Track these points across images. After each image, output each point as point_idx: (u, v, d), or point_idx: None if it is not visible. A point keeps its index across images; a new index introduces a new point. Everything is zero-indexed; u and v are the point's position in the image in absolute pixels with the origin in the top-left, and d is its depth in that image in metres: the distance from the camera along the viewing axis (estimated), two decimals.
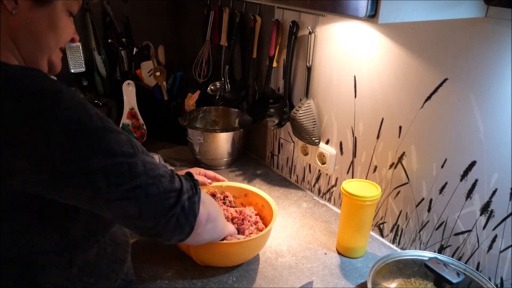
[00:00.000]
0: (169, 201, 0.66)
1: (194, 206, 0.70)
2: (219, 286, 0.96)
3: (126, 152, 0.62)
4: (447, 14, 0.75)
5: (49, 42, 0.69)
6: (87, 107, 0.61)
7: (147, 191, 0.64)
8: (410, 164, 1.04)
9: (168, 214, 0.66)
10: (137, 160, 0.63)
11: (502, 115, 0.84)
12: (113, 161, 0.60)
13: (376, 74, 1.07)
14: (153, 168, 0.65)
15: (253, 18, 1.39)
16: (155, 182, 0.64)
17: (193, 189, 0.71)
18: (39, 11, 0.66)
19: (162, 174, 0.66)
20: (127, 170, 0.62)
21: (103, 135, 0.60)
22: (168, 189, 0.66)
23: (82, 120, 0.59)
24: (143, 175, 0.63)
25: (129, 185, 0.62)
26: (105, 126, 0.61)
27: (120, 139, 0.62)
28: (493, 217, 0.90)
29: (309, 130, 1.27)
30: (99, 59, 1.65)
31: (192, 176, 0.75)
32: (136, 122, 1.59)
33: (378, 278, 0.94)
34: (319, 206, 1.30)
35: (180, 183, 0.69)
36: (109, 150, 0.60)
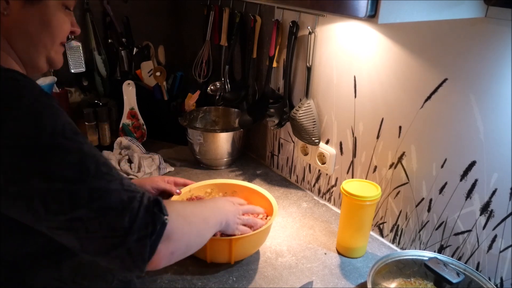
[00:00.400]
0: (112, 241, 0.57)
1: (144, 249, 0.58)
2: (219, 286, 0.96)
3: (70, 177, 0.55)
4: (447, 14, 0.75)
5: (43, 40, 0.68)
6: (42, 117, 0.56)
7: (87, 226, 0.56)
8: (410, 164, 1.04)
9: (110, 254, 0.58)
10: (82, 187, 0.56)
11: (502, 115, 0.84)
12: (53, 187, 0.54)
13: (376, 74, 1.07)
14: (102, 197, 0.57)
15: (253, 18, 1.39)
16: (98, 216, 0.56)
17: (149, 227, 0.59)
18: (30, 9, 0.64)
19: (111, 206, 0.57)
20: (67, 198, 0.55)
21: (49, 155, 0.55)
22: (112, 227, 0.57)
23: (29, 135, 0.54)
24: (85, 207, 0.55)
25: (68, 215, 0.55)
26: (54, 144, 0.55)
27: (67, 160, 0.55)
28: (493, 217, 0.90)
29: (309, 130, 1.27)
30: (99, 59, 1.65)
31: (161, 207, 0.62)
32: (136, 122, 1.59)
33: (378, 278, 0.94)
34: (319, 206, 1.30)
35: (132, 220, 0.57)
36: (50, 174, 0.54)
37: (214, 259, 1.00)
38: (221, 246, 0.97)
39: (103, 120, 1.54)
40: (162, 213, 0.61)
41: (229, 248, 0.96)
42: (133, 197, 0.59)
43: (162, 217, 0.61)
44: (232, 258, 0.99)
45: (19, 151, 0.54)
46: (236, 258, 1.01)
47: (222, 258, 1.00)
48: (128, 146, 1.48)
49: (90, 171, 0.57)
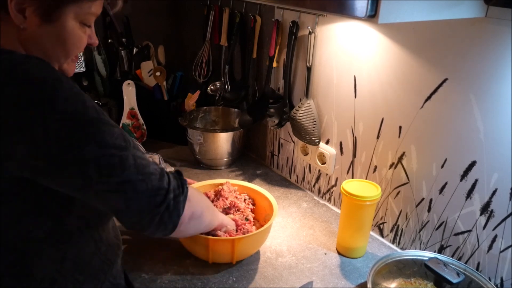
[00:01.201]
0: (156, 199, 0.67)
1: (179, 205, 0.70)
2: (219, 286, 0.96)
3: (119, 145, 0.63)
4: (447, 14, 0.75)
5: (57, 55, 0.69)
6: (85, 99, 0.61)
7: (136, 186, 0.64)
8: (410, 164, 1.04)
9: (154, 211, 0.67)
10: (129, 154, 0.64)
11: (502, 115, 0.84)
12: (105, 152, 0.61)
13: (376, 74, 1.07)
14: (143, 164, 0.66)
15: (253, 18, 1.39)
16: (144, 178, 0.65)
17: (180, 188, 0.72)
18: (47, 27, 0.65)
19: (151, 172, 0.67)
20: (118, 162, 0.62)
21: (98, 126, 0.61)
22: (156, 187, 0.67)
23: (78, 111, 0.60)
24: (133, 169, 0.64)
25: (119, 178, 0.63)
26: (100, 118, 0.62)
27: (113, 132, 0.63)
28: (493, 217, 0.90)
29: (309, 130, 1.27)
30: (99, 59, 1.65)
31: (181, 175, 0.76)
32: (136, 122, 1.59)
33: (378, 278, 0.94)
34: (319, 206, 1.30)
35: (168, 182, 0.69)
36: (102, 141, 0.61)
37: (216, 259, 1.00)
38: (224, 246, 0.97)
39: None
40: (184, 180, 0.74)
41: (231, 248, 0.96)
42: (162, 168, 0.71)
43: (185, 181, 0.74)
44: (234, 258, 0.99)
45: (72, 123, 0.59)
46: (237, 258, 1.01)
47: (224, 258, 1.00)
48: None
49: (130, 142, 0.66)
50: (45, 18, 0.64)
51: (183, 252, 1.03)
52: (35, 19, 0.64)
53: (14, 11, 0.62)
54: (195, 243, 0.99)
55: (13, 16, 0.63)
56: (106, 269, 0.78)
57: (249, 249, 1.02)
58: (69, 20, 0.66)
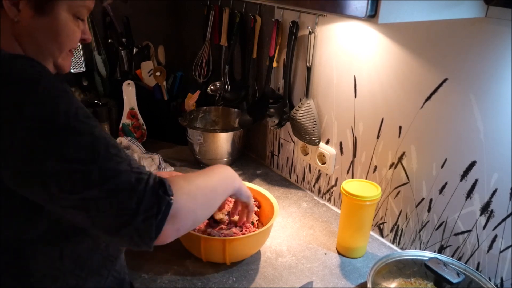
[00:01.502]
0: (121, 219, 0.60)
1: (150, 229, 0.62)
2: (219, 286, 0.96)
3: (83, 158, 0.58)
4: (447, 14, 0.75)
5: (51, 49, 0.69)
6: (57, 102, 0.59)
7: (98, 205, 0.59)
8: (410, 164, 1.04)
9: (120, 232, 0.61)
10: (93, 168, 0.59)
11: (502, 115, 0.84)
12: (67, 167, 0.58)
13: (376, 74, 1.07)
14: (112, 178, 0.60)
15: (253, 18, 1.39)
16: (108, 196, 0.59)
17: (154, 208, 0.61)
18: (40, 19, 0.66)
19: (120, 188, 0.60)
20: (80, 178, 0.58)
21: (63, 137, 0.58)
22: (121, 207, 0.60)
23: (46, 119, 0.57)
24: (96, 187, 0.59)
25: (80, 194, 0.59)
26: (68, 127, 0.58)
27: (80, 143, 0.59)
28: (493, 217, 0.90)
29: (309, 130, 1.27)
30: (99, 59, 1.65)
31: (165, 189, 0.64)
32: (136, 122, 1.59)
33: (378, 278, 0.94)
34: (319, 206, 1.30)
35: (139, 201, 0.61)
36: (65, 155, 0.58)
37: (210, 259, 1.00)
38: (216, 246, 0.96)
39: (103, 120, 1.54)
40: (167, 194, 0.63)
41: (223, 249, 0.96)
42: (141, 178, 0.62)
43: (167, 199, 0.63)
44: (226, 259, 0.99)
45: (36, 133, 0.57)
46: (232, 259, 1.00)
47: (217, 258, 1.00)
48: (128, 146, 1.48)
49: (100, 153, 0.60)
50: (38, 10, 0.65)
51: (183, 252, 1.03)
52: (28, 12, 0.64)
53: (8, 4, 0.63)
54: (189, 240, 0.99)
55: (7, 9, 0.63)
56: (109, 264, 0.78)
57: (243, 251, 1.01)
58: (62, 12, 0.67)
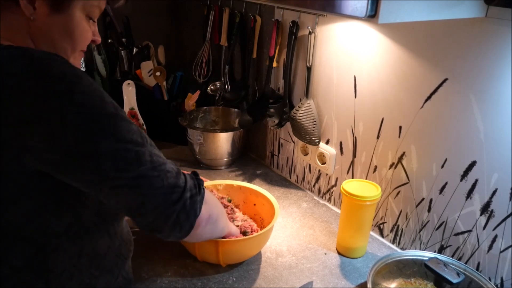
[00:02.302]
0: (172, 196, 0.66)
1: (196, 205, 0.69)
2: (219, 286, 0.96)
3: (135, 140, 0.63)
4: (447, 14, 0.75)
5: (65, 47, 0.71)
6: (103, 95, 0.63)
7: (152, 182, 0.64)
8: (410, 164, 1.04)
9: (169, 209, 0.66)
10: (145, 150, 0.64)
11: (502, 115, 0.84)
12: (121, 147, 0.62)
13: (376, 74, 1.07)
14: (160, 161, 0.66)
15: (253, 18, 1.39)
16: (160, 175, 0.65)
17: (197, 188, 0.71)
18: (55, 18, 0.67)
19: (168, 169, 0.67)
20: (134, 157, 0.62)
21: (115, 121, 0.62)
22: (172, 185, 0.66)
23: (96, 105, 0.61)
24: (149, 165, 0.64)
25: (134, 172, 0.62)
26: (118, 114, 0.63)
27: (130, 128, 0.64)
28: (493, 217, 0.90)
29: (309, 130, 1.27)
30: (99, 59, 1.65)
31: (198, 176, 0.75)
32: (136, 122, 1.59)
33: (378, 278, 0.94)
34: (319, 206, 1.30)
35: (184, 181, 0.69)
36: (119, 136, 0.62)
37: (204, 259, 1.01)
38: (209, 248, 0.96)
39: None
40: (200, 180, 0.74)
41: (216, 251, 0.95)
42: (178, 167, 0.71)
43: (202, 182, 0.74)
44: (220, 261, 0.98)
45: (89, 116, 0.60)
46: (227, 261, 1.00)
47: (211, 259, 1.00)
48: None
49: (147, 139, 0.67)
50: (54, 8, 0.66)
51: (183, 252, 1.03)
52: (44, 10, 0.66)
53: (25, 2, 0.64)
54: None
55: (23, 7, 0.64)
56: (120, 264, 0.78)
57: (239, 254, 1.01)
58: (76, 11, 0.69)
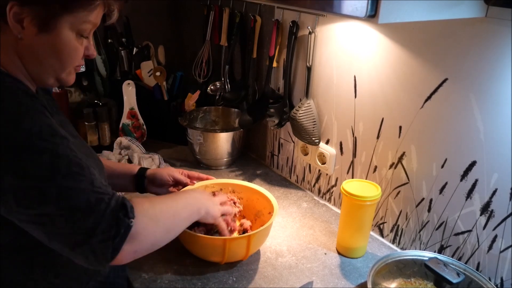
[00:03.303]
0: (76, 238, 0.62)
1: (107, 250, 0.63)
2: (219, 286, 0.96)
3: (41, 176, 0.60)
4: (447, 14, 0.75)
5: (53, 65, 0.70)
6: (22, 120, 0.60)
7: (54, 222, 0.61)
8: (410, 164, 1.04)
9: (75, 250, 0.63)
10: (51, 185, 0.60)
11: (502, 115, 0.84)
12: (22, 184, 0.60)
13: (376, 74, 1.07)
14: (70, 196, 0.61)
15: (253, 18, 1.39)
16: (64, 214, 0.61)
17: (112, 230, 0.63)
18: (43, 37, 0.66)
19: (77, 207, 0.61)
20: (37, 195, 0.60)
21: (21, 155, 0.59)
22: (77, 226, 0.61)
23: (6, 136, 0.59)
24: (53, 203, 0.60)
25: (36, 210, 0.60)
26: (29, 145, 0.60)
27: (39, 160, 0.60)
28: (493, 217, 0.90)
29: (309, 130, 1.27)
30: (99, 59, 1.65)
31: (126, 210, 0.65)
32: (136, 122, 1.59)
33: (378, 278, 0.94)
34: (319, 206, 1.30)
35: (97, 222, 0.62)
36: (21, 172, 0.59)
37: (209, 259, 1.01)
38: (215, 248, 0.96)
39: (103, 120, 1.54)
40: (128, 216, 0.65)
41: (223, 250, 0.95)
42: (101, 199, 0.63)
43: (127, 221, 0.64)
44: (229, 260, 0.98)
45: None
46: (232, 259, 1.00)
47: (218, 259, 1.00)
48: (128, 146, 1.48)
49: (60, 171, 0.61)
50: (41, 27, 0.65)
51: (183, 252, 1.03)
52: (32, 29, 0.65)
53: (13, 21, 0.63)
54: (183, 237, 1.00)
55: (11, 26, 0.64)
56: (91, 271, 0.77)
57: (236, 252, 0.99)
58: (64, 30, 0.67)
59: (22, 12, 0.63)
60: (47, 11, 0.64)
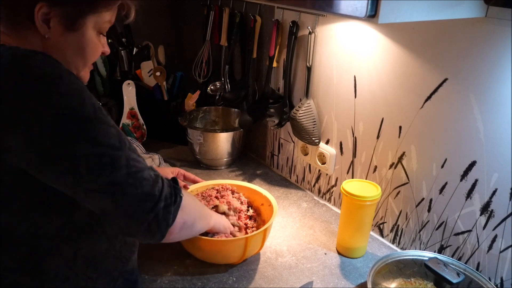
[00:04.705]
0: (145, 205, 0.65)
1: (169, 216, 0.68)
2: (219, 286, 0.96)
3: (112, 144, 0.63)
4: (447, 14, 0.75)
5: (77, 63, 0.72)
6: (83, 96, 0.62)
7: (125, 190, 0.63)
8: (410, 164, 1.04)
9: (141, 218, 0.65)
10: (122, 154, 0.63)
11: (502, 115, 0.84)
12: (97, 151, 0.61)
13: (376, 74, 1.07)
14: (137, 167, 0.65)
15: (253, 18, 1.39)
16: (134, 182, 0.64)
17: (173, 197, 0.69)
18: (69, 36, 0.68)
19: (144, 177, 0.65)
20: (109, 162, 0.62)
21: (93, 124, 0.62)
22: (146, 193, 0.65)
23: (74, 107, 0.61)
24: (124, 171, 0.63)
25: (108, 178, 0.62)
26: (96, 116, 0.62)
27: (109, 131, 0.63)
28: (493, 217, 0.90)
29: (309, 130, 1.27)
30: (99, 59, 1.65)
31: (176, 183, 0.74)
32: (136, 122, 1.59)
33: (378, 278, 0.94)
34: (319, 206, 1.30)
35: (160, 190, 0.67)
36: (95, 140, 0.61)
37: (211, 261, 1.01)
38: (214, 248, 0.97)
39: None
40: (178, 189, 0.72)
41: (221, 251, 0.96)
42: (157, 174, 0.69)
43: (180, 191, 0.72)
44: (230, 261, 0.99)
45: (67, 119, 0.60)
46: (233, 260, 1.01)
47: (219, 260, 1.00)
48: None
49: (126, 143, 0.65)
50: (69, 27, 0.67)
51: (183, 252, 1.03)
52: (58, 29, 0.67)
53: (40, 21, 0.65)
54: None
55: (38, 26, 0.65)
56: (120, 266, 0.78)
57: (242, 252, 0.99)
58: (89, 29, 0.70)
59: (50, 13, 0.65)
60: (75, 11, 0.67)
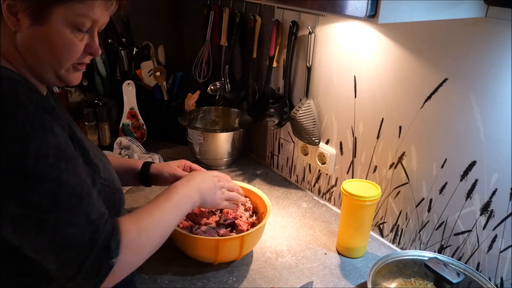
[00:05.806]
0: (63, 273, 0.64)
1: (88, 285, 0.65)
2: (219, 286, 0.96)
3: (41, 206, 0.60)
4: (447, 14, 0.75)
5: (49, 59, 0.68)
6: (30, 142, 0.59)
7: (47, 254, 0.63)
8: (410, 164, 1.04)
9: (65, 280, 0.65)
10: (50, 217, 0.60)
11: (502, 115, 0.84)
12: (22, 212, 0.59)
13: (376, 74, 1.07)
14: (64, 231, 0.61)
15: (253, 18, 1.39)
16: (55, 250, 0.62)
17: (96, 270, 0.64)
18: (37, 29, 0.64)
19: (68, 245, 0.62)
20: (34, 225, 0.60)
21: (27, 179, 0.59)
22: (67, 263, 0.63)
23: (13, 158, 0.58)
24: (49, 235, 0.61)
25: (32, 240, 0.62)
26: (35, 170, 0.59)
27: (42, 189, 0.59)
28: (493, 217, 0.90)
29: (309, 130, 1.27)
30: (99, 59, 1.65)
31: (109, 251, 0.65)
32: (136, 122, 1.59)
33: (378, 278, 0.94)
34: (319, 206, 1.30)
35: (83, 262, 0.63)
36: (23, 199, 0.59)
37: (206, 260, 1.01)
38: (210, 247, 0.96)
39: (103, 120, 1.54)
40: (111, 257, 0.65)
41: (218, 250, 0.95)
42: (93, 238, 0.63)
43: (109, 261, 0.65)
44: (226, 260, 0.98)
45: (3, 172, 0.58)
46: (227, 259, 1.00)
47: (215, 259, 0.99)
48: (128, 146, 1.48)
49: (60, 203, 0.61)
50: (34, 19, 0.64)
51: (183, 252, 1.03)
52: (26, 21, 0.64)
53: (7, 13, 0.63)
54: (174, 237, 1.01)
55: (6, 19, 0.63)
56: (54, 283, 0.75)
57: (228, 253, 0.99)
58: (57, 22, 0.65)
59: (16, 4, 0.62)
60: (39, 2, 0.63)
